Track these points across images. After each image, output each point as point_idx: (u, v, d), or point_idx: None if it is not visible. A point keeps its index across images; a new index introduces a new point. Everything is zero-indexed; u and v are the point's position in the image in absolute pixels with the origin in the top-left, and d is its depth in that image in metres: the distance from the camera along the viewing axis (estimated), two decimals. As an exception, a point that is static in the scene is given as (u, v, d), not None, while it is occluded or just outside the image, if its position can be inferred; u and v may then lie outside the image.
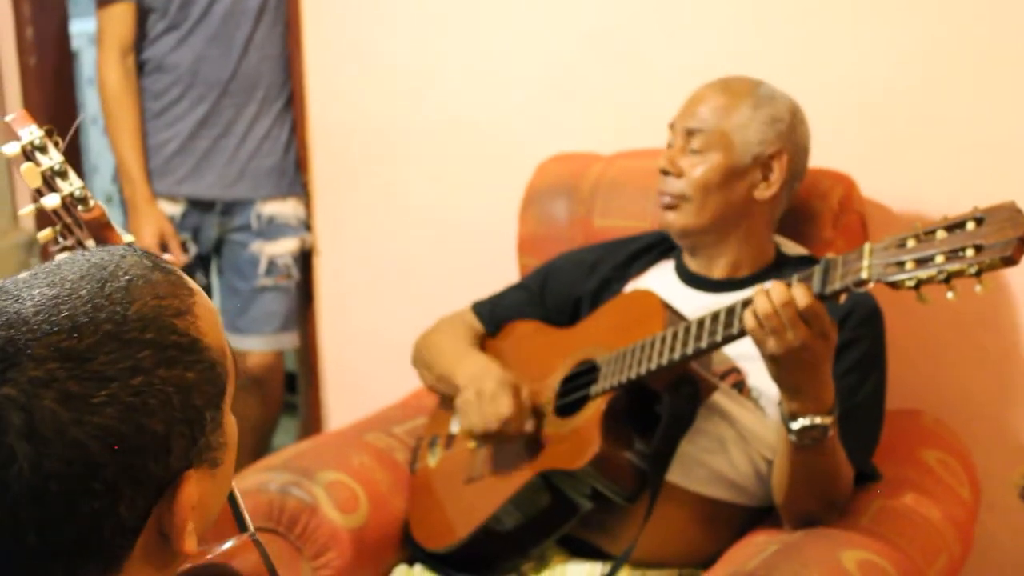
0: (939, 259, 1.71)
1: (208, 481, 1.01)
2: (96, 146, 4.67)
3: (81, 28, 4.31)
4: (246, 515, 1.18)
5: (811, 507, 2.05)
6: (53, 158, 1.46)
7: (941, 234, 1.73)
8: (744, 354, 2.10)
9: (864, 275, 1.78)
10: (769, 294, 1.88)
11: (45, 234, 1.51)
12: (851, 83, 2.55)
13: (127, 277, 0.98)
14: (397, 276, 3.31)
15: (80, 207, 1.44)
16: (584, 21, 2.88)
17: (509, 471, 2.22)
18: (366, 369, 3.43)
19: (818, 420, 1.93)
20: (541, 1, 2.93)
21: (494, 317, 2.48)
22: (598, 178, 2.65)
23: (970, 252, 1.68)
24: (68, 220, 1.48)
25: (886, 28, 2.51)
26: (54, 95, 3.60)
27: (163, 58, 3.28)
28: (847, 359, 2.10)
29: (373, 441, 2.48)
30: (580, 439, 2.12)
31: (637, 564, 2.14)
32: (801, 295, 1.86)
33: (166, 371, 0.95)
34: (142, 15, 3.28)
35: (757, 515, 2.16)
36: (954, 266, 1.69)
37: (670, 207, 2.24)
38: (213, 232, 3.39)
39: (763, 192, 2.22)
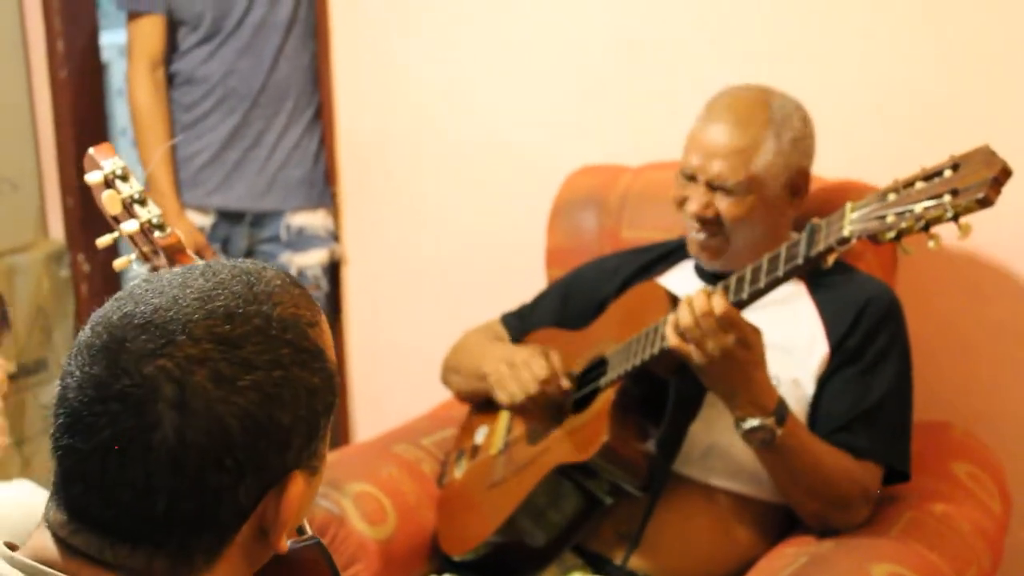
0: (918, 208, 1.71)
1: (306, 486, 1.06)
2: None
3: (111, 40, 4.33)
4: (305, 522, 1.22)
5: (813, 507, 2.07)
6: (133, 187, 1.56)
7: (920, 184, 1.74)
8: (766, 343, 2.11)
9: (846, 232, 1.79)
10: (691, 304, 1.92)
11: (121, 262, 1.59)
12: (875, 95, 2.54)
13: (271, 284, 1.06)
14: (425, 287, 3.32)
15: (157, 233, 1.51)
16: (611, 33, 2.88)
17: (528, 470, 2.23)
18: (394, 380, 3.43)
19: (759, 422, 1.97)
20: (569, 13, 2.94)
21: (522, 329, 2.48)
22: (626, 190, 2.65)
23: (947, 197, 1.69)
24: (145, 248, 1.54)
25: (911, 40, 2.51)
26: (84, 107, 3.62)
27: (194, 70, 3.30)
28: (862, 359, 2.12)
29: (401, 453, 2.49)
30: (590, 431, 2.13)
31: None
32: (719, 303, 1.91)
33: (300, 371, 1.03)
34: (172, 28, 3.30)
35: (779, 517, 2.16)
36: (931, 213, 1.69)
37: (705, 248, 2.22)
38: (242, 243, 3.40)
39: (796, 207, 2.22)
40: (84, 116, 3.62)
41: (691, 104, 2.51)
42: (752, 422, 1.97)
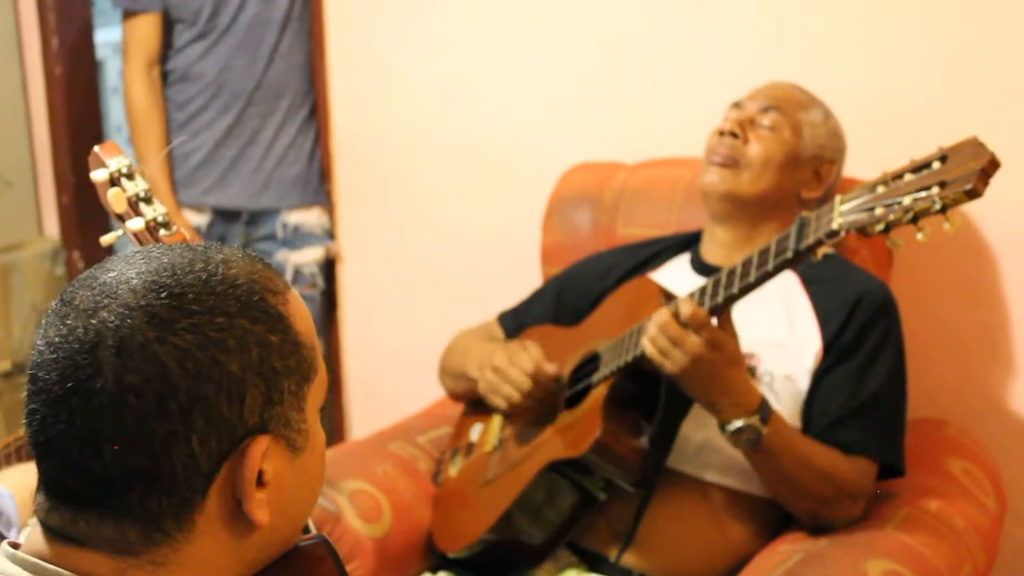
0: (906, 200, 1.72)
1: (284, 461, 1.05)
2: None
3: (105, 37, 4.32)
4: (309, 521, 1.20)
5: (804, 505, 2.07)
6: (139, 185, 1.58)
7: (908, 177, 1.75)
8: (760, 339, 2.11)
9: (835, 225, 1.80)
10: (655, 318, 1.95)
11: (109, 238, 1.60)
12: (868, 94, 2.54)
13: (231, 255, 1.07)
14: (420, 285, 3.32)
15: (163, 231, 1.55)
16: (607, 31, 2.88)
17: (521, 466, 2.23)
18: (389, 378, 3.43)
19: (744, 422, 1.97)
20: (564, 11, 2.94)
21: (518, 327, 2.48)
22: (621, 187, 2.65)
23: (935, 189, 1.70)
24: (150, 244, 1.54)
25: (917, 38, 2.51)
26: (79, 105, 3.63)
27: (189, 68, 3.30)
28: (856, 355, 2.12)
29: (396, 450, 2.49)
30: (583, 427, 2.12)
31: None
32: (685, 307, 1.92)
33: (249, 324, 1.02)
34: (168, 26, 3.30)
35: (774, 513, 2.16)
36: (920, 204, 1.70)
37: (724, 165, 2.24)
38: (238, 241, 3.40)
39: (808, 193, 2.25)
40: (79, 114, 3.62)
41: (686, 102, 2.52)
42: (737, 423, 1.97)
